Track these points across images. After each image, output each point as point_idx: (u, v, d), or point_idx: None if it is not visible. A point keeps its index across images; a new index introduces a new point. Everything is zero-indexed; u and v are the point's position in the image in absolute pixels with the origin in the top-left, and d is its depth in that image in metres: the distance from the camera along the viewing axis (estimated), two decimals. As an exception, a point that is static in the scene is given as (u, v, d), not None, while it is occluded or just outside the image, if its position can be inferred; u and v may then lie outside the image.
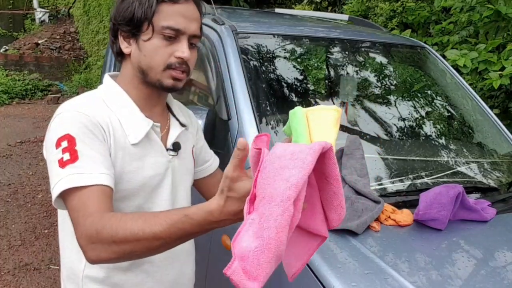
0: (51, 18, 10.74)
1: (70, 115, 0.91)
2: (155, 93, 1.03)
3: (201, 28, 1.03)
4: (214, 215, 0.74)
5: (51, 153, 0.88)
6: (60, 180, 0.85)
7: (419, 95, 2.20)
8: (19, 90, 8.01)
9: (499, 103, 3.01)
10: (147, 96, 1.02)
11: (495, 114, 2.14)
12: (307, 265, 1.18)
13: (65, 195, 0.85)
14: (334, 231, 1.27)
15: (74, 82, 8.91)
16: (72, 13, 10.86)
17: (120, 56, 1.02)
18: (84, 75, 9.09)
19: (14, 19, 10.30)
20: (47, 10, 10.72)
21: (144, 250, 0.79)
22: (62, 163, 0.85)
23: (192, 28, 0.97)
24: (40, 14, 10.47)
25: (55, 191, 0.86)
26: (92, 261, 0.81)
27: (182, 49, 0.95)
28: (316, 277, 1.14)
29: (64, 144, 0.86)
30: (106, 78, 1.04)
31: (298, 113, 0.79)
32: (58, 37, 10.09)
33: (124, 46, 0.99)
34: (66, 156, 0.85)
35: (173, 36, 0.95)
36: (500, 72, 2.55)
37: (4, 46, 9.30)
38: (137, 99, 1.01)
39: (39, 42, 9.57)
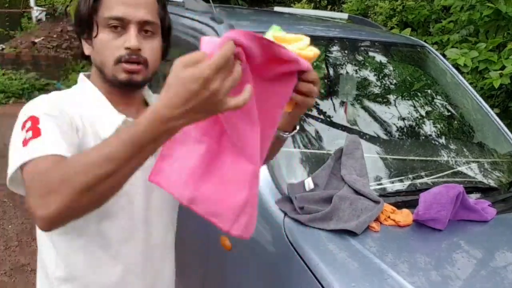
0: (48, 16, 10.71)
1: (34, 102, 0.90)
2: (123, 91, 0.98)
3: (162, 14, 0.97)
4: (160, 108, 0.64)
5: (16, 138, 0.85)
6: (20, 155, 0.81)
7: (419, 94, 2.20)
8: (16, 90, 7.97)
9: (500, 102, 3.01)
10: (118, 94, 0.98)
11: (495, 113, 2.13)
12: (306, 265, 1.17)
13: (23, 169, 0.80)
14: (333, 231, 1.27)
15: (71, 81, 8.87)
16: (69, 12, 10.82)
17: (86, 58, 0.99)
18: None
19: (10, 18, 10.28)
20: (44, 9, 10.69)
21: (97, 180, 0.69)
22: (25, 142, 0.82)
23: (139, 14, 0.91)
24: (37, 12, 10.44)
25: (13, 165, 0.81)
26: (42, 218, 0.72)
27: (128, 39, 0.90)
28: (316, 277, 1.13)
29: (28, 124, 0.84)
30: (81, 76, 1.02)
31: (268, 34, 0.81)
32: (55, 35, 10.05)
33: (85, 48, 0.97)
34: (29, 135, 0.82)
35: (119, 25, 0.91)
36: (500, 71, 2.54)
37: (1, 45, 9.27)
38: (109, 97, 0.98)
39: (36, 40, 9.54)
